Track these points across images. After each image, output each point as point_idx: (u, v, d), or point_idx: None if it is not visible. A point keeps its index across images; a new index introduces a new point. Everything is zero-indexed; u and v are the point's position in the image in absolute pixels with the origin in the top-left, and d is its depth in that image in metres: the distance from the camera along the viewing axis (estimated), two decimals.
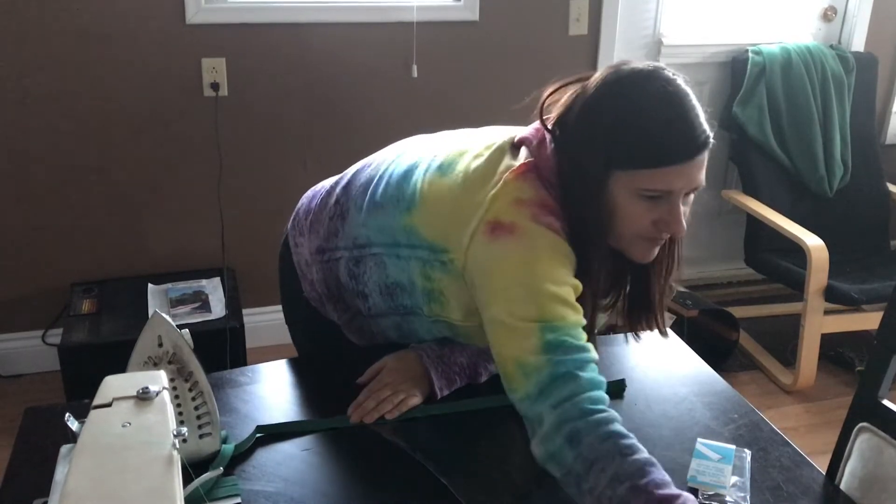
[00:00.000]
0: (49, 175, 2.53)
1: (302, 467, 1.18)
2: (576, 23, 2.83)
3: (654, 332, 1.32)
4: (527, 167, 1.14)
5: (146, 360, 1.13)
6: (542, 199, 1.12)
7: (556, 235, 1.11)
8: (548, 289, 1.07)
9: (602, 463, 0.99)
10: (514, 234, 1.09)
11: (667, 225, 1.12)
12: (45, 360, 2.66)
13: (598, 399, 1.05)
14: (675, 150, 1.07)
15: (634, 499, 0.95)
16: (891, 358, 1.17)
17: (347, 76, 2.67)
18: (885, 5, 3.20)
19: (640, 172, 1.08)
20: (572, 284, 1.11)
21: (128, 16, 2.44)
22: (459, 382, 1.34)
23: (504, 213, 1.11)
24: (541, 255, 1.09)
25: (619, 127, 1.08)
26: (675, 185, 1.09)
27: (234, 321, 2.40)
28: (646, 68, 1.12)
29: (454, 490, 1.12)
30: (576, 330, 1.08)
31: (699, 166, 1.10)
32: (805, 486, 1.17)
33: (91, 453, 0.79)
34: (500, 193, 1.12)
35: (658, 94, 1.09)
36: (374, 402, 1.27)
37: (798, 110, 3.01)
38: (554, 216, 1.12)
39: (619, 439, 1.01)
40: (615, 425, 1.03)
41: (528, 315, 1.06)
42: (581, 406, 1.03)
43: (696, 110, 1.10)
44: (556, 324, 1.06)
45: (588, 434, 1.01)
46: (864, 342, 2.96)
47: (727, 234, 3.36)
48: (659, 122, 1.07)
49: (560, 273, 1.09)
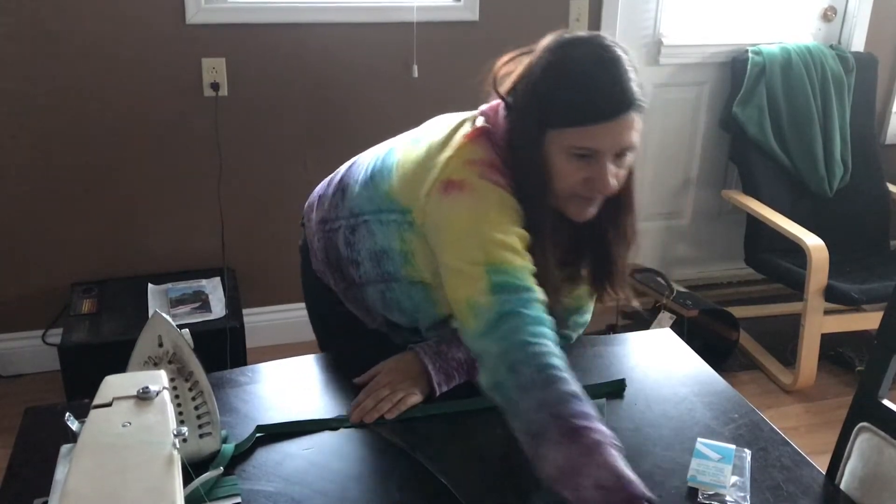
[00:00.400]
0: (49, 175, 2.53)
1: (302, 467, 1.18)
2: (576, 23, 2.83)
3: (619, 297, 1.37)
4: (479, 131, 1.24)
5: (146, 359, 1.13)
6: (491, 160, 1.21)
7: (502, 190, 1.19)
8: (494, 236, 1.16)
9: (534, 391, 1.07)
10: (463, 191, 1.18)
11: (595, 183, 1.17)
12: (45, 360, 2.66)
13: (540, 334, 1.11)
14: (600, 109, 1.13)
15: (552, 424, 1.02)
16: (891, 358, 1.17)
17: (347, 76, 2.67)
18: (885, 5, 3.21)
19: (570, 131, 1.14)
20: (519, 234, 1.18)
21: (128, 16, 2.44)
22: (458, 378, 1.34)
23: (455, 173, 1.20)
24: (488, 208, 1.18)
25: (552, 87, 1.16)
26: (601, 144, 1.15)
27: (234, 321, 2.40)
28: (584, 35, 1.20)
29: (454, 490, 1.12)
30: (522, 273, 1.15)
31: (627, 126, 1.15)
32: (805, 485, 1.17)
33: (91, 453, 0.79)
34: (453, 155, 1.22)
35: (589, 57, 1.16)
36: (373, 402, 1.28)
37: (798, 110, 3.01)
38: (501, 174, 1.20)
39: (554, 371, 1.07)
40: (553, 359, 1.09)
41: (476, 260, 1.15)
42: (523, 339, 1.10)
43: (627, 74, 1.16)
44: (503, 267, 1.14)
45: (527, 365, 1.09)
46: (864, 342, 2.96)
47: (727, 234, 3.36)
48: (587, 82, 1.15)
49: (506, 223, 1.18)
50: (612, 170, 1.17)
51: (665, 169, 3.25)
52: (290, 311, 2.81)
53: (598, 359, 1.47)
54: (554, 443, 1.02)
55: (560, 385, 1.06)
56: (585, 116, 1.14)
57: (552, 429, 1.02)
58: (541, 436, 1.04)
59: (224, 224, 2.66)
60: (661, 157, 3.22)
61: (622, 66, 1.16)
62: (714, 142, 3.25)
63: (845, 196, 3.08)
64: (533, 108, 1.17)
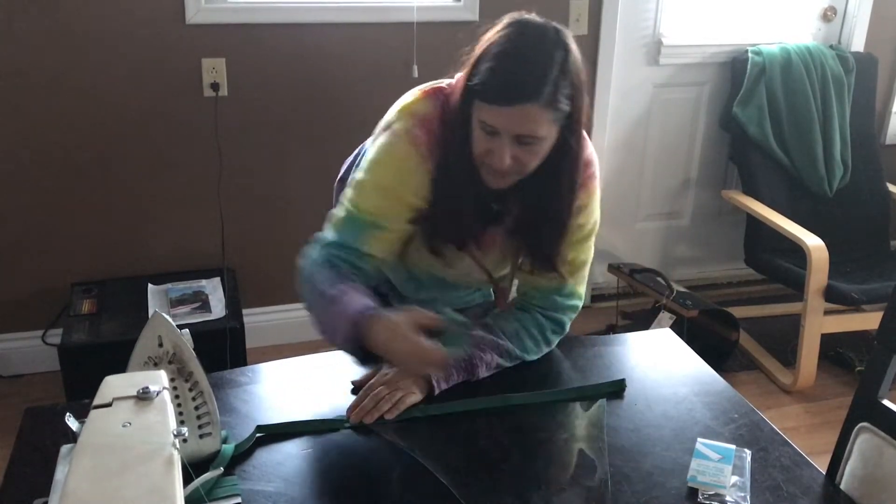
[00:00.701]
0: (49, 175, 2.53)
1: (302, 467, 1.18)
2: (576, 23, 2.83)
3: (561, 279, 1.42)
4: (435, 89, 1.35)
5: (146, 360, 1.13)
6: (430, 117, 1.31)
7: (414, 149, 1.31)
8: (372, 181, 1.33)
9: (310, 282, 1.32)
10: (388, 136, 1.34)
11: (493, 157, 1.25)
12: (45, 360, 2.66)
13: (335, 258, 1.33)
14: (500, 93, 1.20)
15: (315, 297, 1.30)
16: (891, 358, 1.17)
17: (348, 76, 2.67)
18: (885, 5, 3.21)
19: (480, 104, 1.23)
20: (398, 192, 1.32)
21: (128, 16, 2.44)
22: (457, 376, 1.35)
23: (395, 119, 1.34)
24: (388, 158, 1.33)
25: (480, 60, 1.24)
26: (498, 125, 1.22)
27: (234, 321, 2.40)
28: (535, 22, 1.24)
29: (454, 490, 1.12)
30: (363, 215, 1.33)
31: (522, 116, 1.20)
32: (805, 486, 1.17)
33: (91, 453, 0.79)
34: (404, 104, 1.35)
35: (516, 43, 1.22)
36: (372, 402, 1.28)
37: (798, 110, 3.01)
38: (429, 134, 1.30)
39: (329, 269, 1.32)
40: (336, 265, 1.33)
41: (351, 195, 1.36)
42: (322, 254, 1.35)
43: (544, 69, 1.20)
44: (360, 208, 1.33)
45: (312, 266, 1.34)
46: (864, 342, 2.96)
47: (727, 234, 3.37)
48: (501, 65, 1.21)
49: (388, 177, 1.33)
50: (510, 150, 1.23)
51: (665, 169, 3.26)
52: (290, 311, 2.81)
53: (598, 359, 1.47)
54: (316, 308, 1.30)
55: (328, 271, 1.31)
56: (487, 96, 1.21)
57: (315, 299, 1.30)
58: (311, 308, 1.31)
59: (224, 224, 2.66)
60: (661, 157, 3.23)
61: (543, 60, 1.20)
62: (714, 142, 3.25)
63: (845, 196, 3.08)
64: (468, 75, 1.26)
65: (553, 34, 1.22)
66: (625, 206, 3.26)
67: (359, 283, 1.32)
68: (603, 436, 1.26)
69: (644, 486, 1.15)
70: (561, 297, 1.44)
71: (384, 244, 1.35)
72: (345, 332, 1.24)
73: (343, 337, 1.25)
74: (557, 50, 1.21)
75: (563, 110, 1.22)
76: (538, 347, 1.44)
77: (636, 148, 3.18)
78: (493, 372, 1.39)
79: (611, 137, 3.09)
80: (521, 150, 1.24)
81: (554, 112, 1.21)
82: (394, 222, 1.34)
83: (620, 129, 3.12)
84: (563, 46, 1.22)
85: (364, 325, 1.22)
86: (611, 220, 3.26)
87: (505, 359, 1.40)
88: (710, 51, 3.09)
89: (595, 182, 1.39)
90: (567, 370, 1.44)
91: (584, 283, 1.47)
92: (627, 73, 3.04)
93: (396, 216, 1.34)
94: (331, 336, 1.28)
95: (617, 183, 3.20)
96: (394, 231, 1.35)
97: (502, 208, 1.37)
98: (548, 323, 1.44)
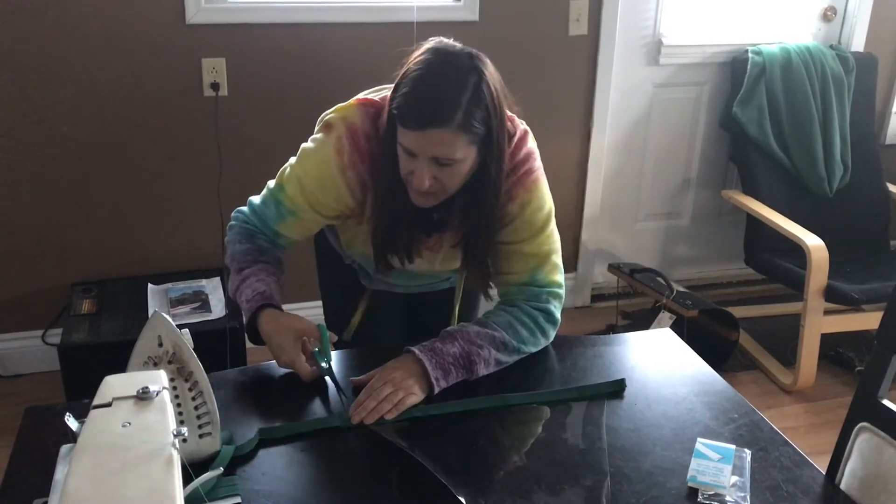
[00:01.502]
0: (49, 175, 2.53)
1: (302, 467, 1.18)
2: (576, 23, 2.83)
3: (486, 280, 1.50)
4: (367, 101, 1.41)
5: (146, 360, 1.13)
6: (358, 130, 1.37)
7: (337, 158, 1.37)
8: (298, 173, 1.43)
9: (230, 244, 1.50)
10: (323, 134, 1.40)
11: (413, 178, 1.30)
12: (45, 360, 2.66)
13: (255, 228, 1.51)
14: (410, 118, 1.26)
15: (233, 270, 1.47)
16: (891, 358, 1.17)
17: (348, 76, 2.66)
18: (885, 5, 3.21)
19: (400, 128, 1.29)
20: (314, 193, 1.41)
21: (128, 16, 2.44)
22: (455, 373, 1.35)
23: (334, 121, 1.40)
24: (314, 158, 1.41)
25: (400, 86, 1.29)
26: (415, 148, 1.28)
27: (234, 321, 2.40)
28: (449, 49, 1.30)
29: (454, 490, 1.12)
30: (285, 200, 1.45)
31: (434, 140, 1.25)
32: (805, 486, 1.17)
33: (91, 453, 0.79)
34: (343, 108, 1.41)
35: (428, 69, 1.27)
36: (374, 402, 1.28)
37: (798, 110, 3.01)
38: (354, 147, 1.37)
39: (248, 242, 1.49)
40: (257, 238, 1.50)
41: (283, 174, 1.47)
42: (244, 220, 1.53)
43: (453, 94, 1.24)
44: (284, 190, 1.45)
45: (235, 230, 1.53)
46: (864, 342, 2.96)
47: (727, 234, 3.37)
48: (413, 91, 1.26)
49: (311, 178, 1.41)
50: (429, 171, 1.29)
51: (665, 169, 3.26)
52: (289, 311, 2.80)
53: (598, 359, 1.47)
54: (230, 277, 1.48)
55: (245, 243, 1.48)
56: (404, 121, 1.27)
57: (232, 268, 1.47)
58: (229, 275, 1.48)
59: (224, 224, 2.65)
60: (661, 157, 3.23)
61: (453, 85, 1.25)
62: (714, 142, 3.25)
63: (845, 196, 3.08)
64: (391, 98, 1.31)
65: (466, 60, 1.27)
66: (625, 206, 3.26)
67: (270, 256, 1.49)
68: (603, 436, 1.26)
69: (644, 486, 1.15)
70: (538, 288, 1.46)
71: (298, 229, 1.49)
72: (243, 308, 1.44)
73: (242, 311, 1.45)
74: (471, 75, 1.26)
75: (478, 133, 1.27)
76: (534, 337, 1.45)
77: (636, 148, 3.18)
78: (494, 370, 1.40)
79: (611, 137, 3.09)
80: (441, 171, 1.29)
81: (468, 135, 1.26)
82: (307, 213, 1.44)
83: (620, 129, 3.12)
84: (477, 72, 1.26)
85: (256, 310, 1.40)
86: (611, 220, 3.26)
87: (503, 353, 1.41)
88: (710, 51, 3.09)
89: (533, 176, 1.43)
90: (567, 370, 1.44)
91: (559, 271, 1.49)
92: (627, 73, 3.04)
93: (310, 210, 1.44)
94: (237, 302, 1.48)
95: (617, 183, 3.20)
96: (308, 221, 1.47)
97: (443, 215, 1.43)
98: (536, 313, 1.45)
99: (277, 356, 1.39)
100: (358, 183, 1.39)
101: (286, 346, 1.37)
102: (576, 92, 2.95)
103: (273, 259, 1.49)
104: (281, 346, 1.37)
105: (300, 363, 1.37)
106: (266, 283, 1.44)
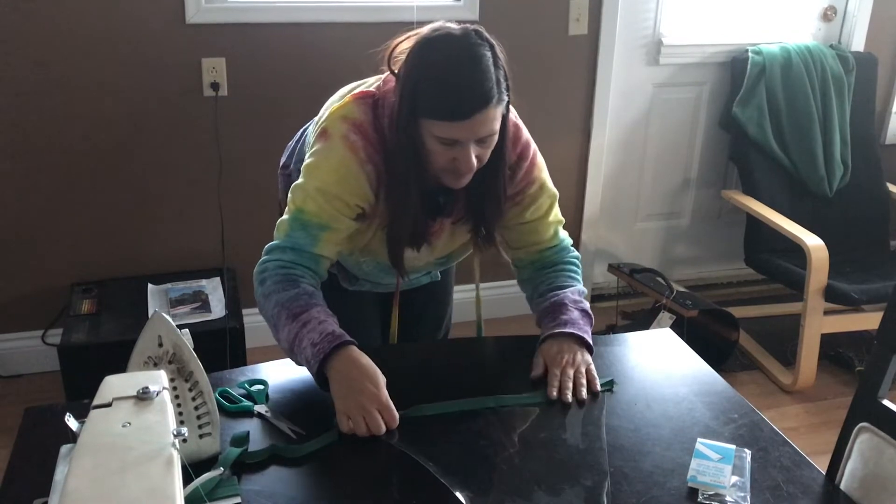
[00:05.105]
0: (49, 174, 2.53)
1: (302, 467, 1.18)
2: (576, 23, 2.83)
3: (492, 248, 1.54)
4: (365, 94, 1.41)
5: (146, 360, 1.13)
6: (363, 123, 1.37)
7: (353, 154, 1.36)
8: (314, 185, 1.37)
9: (273, 296, 1.35)
10: (325, 141, 1.38)
11: (460, 164, 1.32)
12: (45, 360, 2.66)
13: (292, 263, 1.39)
14: (456, 109, 1.26)
15: (282, 314, 1.33)
16: (891, 358, 1.17)
17: (348, 76, 2.66)
18: (885, 5, 3.21)
19: (434, 123, 1.29)
20: (340, 196, 1.37)
21: (128, 16, 2.44)
22: (589, 328, 1.46)
23: (330, 124, 1.39)
24: (327, 164, 1.37)
25: (420, 82, 1.29)
26: (461, 136, 1.29)
27: (234, 321, 2.40)
28: (453, 31, 1.31)
29: (454, 490, 1.12)
30: (310, 217, 1.38)
31: (482, 122, 1.28)
32: (805, 486, 1.17)
33: (91, 453, 0.79)
34: (336, 109, 1.41)
35: (449, 57, 1.28)
36: (570, 381, 1.37)
37: (798, 110, 3.01)
38: (366, 139, 1.36)
39: (289, 282, 1.36)
40: (294, 274, 1.37)
41: (295, 199, 1.40)
42: (278, 263, 1.39)
43: (486, 73, 1.27)
44: (305, 211, 1.38)
45: (270, 279, 1.37)
46: (864, 342, 2.96)
47: (727, 234, 3.36)
48: (445, 83, 1.27)
49: (332, 182, 1.36)
50: (475, 151, 1.31)
51: (665, 169, 3.26)
52: None
53: (598, 359, 1.47)
54: (282, 327, 1.33)
55: (291, 289, 1.35)
56: (444, 114, 1.27)
57: (282, 317, 1.33)
58: (276, 326, 1.35)
59: (224, 224, 2.66)
60: (661, 157, 3.23)
61: (481, 64, 1.27)
62: (714, 142, 3.25)
63: (845, 196, 3.08)
64: (406, 96, 1.30)
65: (475, 37, 1.29)
66: (625, 206, 3.26)
67: (320, 299, 1.37)
68: (603, 435, 1.26)
69: (644, 486, 1.15)
70: (562, 244, 1.59)
71: (333, 244, 1.41)
72: (307, 355, 1.30)
73: (305, 358, 1.31)
74: (485, 50, 1.28)
75: (505, 99, 1.32)
76: (581, 281, 1.57)
77: (636, 148, 3.18)
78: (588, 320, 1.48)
79: (611, 137, 3.09)
80: (482, 148, 1.33)
81: (500, 105, 1.31)
82: (339, 222, 1.40)
83: (620, 129, 3.12)
84: (488, 44, 1.30)
85: (331, 350, 1.28)
86: (611, 220, 3.26)
87: (585, 300, 1.53)
88: (710, 50, 3.09)
89: (537, 155, 1.50)
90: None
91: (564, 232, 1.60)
92: (627, 73, 3.04)
93: (341, 216, 1.39)
94: (294, 355, 1.34)
95: (617, 183, 3.20)
96: (341, 230, 1.41)
97: (448, 198, 1.46)
98: (573, 264, 1.58)
99: (365, 401, 1.25)
100: (376, 176, 1.38)
101: (381, 386, 1.27)
102: (576, 92, 2.95)
103: (323, 301, 1.38)
104: (375, 388, 1.26)
105: (392, 408, 1.26)
106: (332, 325, 1.32)
